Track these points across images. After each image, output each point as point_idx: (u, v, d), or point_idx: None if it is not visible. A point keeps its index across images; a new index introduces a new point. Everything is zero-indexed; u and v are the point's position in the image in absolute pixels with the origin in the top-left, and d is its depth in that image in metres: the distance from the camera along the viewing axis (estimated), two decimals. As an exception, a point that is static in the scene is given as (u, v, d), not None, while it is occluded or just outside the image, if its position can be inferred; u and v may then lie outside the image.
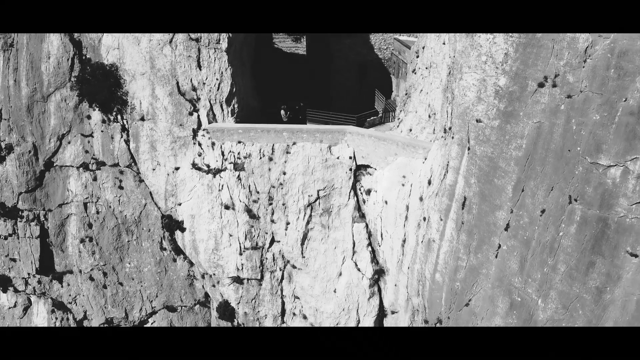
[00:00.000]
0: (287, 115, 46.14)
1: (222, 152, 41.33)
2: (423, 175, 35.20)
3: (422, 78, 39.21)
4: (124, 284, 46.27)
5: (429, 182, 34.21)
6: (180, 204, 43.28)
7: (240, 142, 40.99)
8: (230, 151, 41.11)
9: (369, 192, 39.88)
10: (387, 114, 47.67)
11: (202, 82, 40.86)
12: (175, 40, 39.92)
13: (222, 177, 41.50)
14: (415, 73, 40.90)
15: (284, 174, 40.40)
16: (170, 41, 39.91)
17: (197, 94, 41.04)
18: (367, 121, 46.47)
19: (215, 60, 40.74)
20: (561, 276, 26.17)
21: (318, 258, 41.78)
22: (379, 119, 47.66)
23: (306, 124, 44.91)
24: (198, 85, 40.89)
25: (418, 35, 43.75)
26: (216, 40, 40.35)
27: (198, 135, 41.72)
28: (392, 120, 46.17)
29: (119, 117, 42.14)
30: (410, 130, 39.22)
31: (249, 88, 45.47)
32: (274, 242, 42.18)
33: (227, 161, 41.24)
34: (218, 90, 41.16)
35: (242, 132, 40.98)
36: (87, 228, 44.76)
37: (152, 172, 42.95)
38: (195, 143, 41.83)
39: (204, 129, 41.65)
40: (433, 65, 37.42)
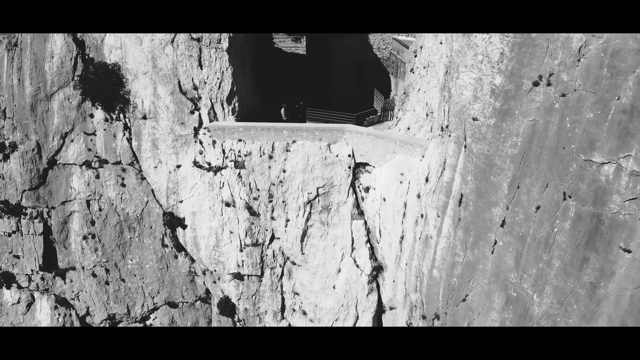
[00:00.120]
0: (286, 116, 46.24)
1: (223, 150, 41.47)
2: (421, 173, 35.21)
3: (420, 77, 39.26)
4: (126, 281, 46.44)
5: (427, 180, 34.23)
6: (181, 202, 43.39)
7: (240, 140, 41.13)
8: (231, 149, 41.25)
9: (367, 189, 39.94)
10: (386, 113, 47.73)
11: (203, 81, 41.02)
12: (177, 40, 40.10)
13: (223, 175, 41.66)
14: (414, 72, 40.96)
15: (284, 171, 40.52)
16: (172, 41, 40.10)
17: (198, 92, 41.22)
18: (366, 120, 46.56)
19: (216, 60, 40.90)
20: (556, 271, 26.26)
21: (317, 255, 41.86)
22: (378, 117, 47.73)
23: (306, 123, 45.05)
24: (199, 84, 41.06)
25: (416, 35, 43.76)
26: (217, 40, 40.50)
27: (199, 134, 41.88)
28: (390, 119, 46.21)
29: (122, 115, 42.31)
30: (409, 128, 39.26)
31: (250, 87, 45.58)
32: (274, 239, 42.25)
33: (227, 159, 41.37)
34: (219, 89, 41.33)
35: (242, 131, 41.11)
36: (89, 225, 44.94)
37: (154, 170, 43.10)
38: (196, 141, 42.00)
39: (205, 128, 41.81)
40: (431, 65, 37.46)
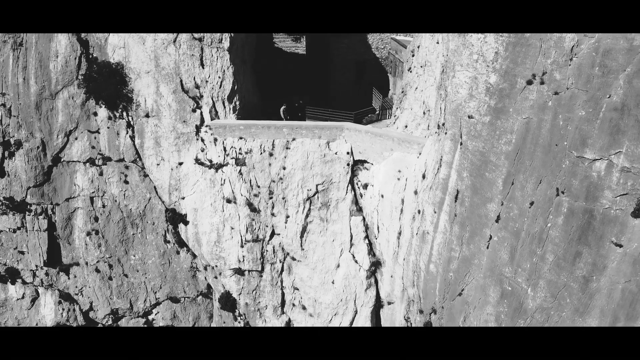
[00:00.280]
0: (286, 116, 46.32)
1: (224, 148, 41.63)
2: (418, 170, 35.36)
3: (417, 76, 39.36)
4: (128, 276, 46.56)
5: (423, 176, 34.37)
6: (183, 198, 43.57)
7: (241, 138, 41.31)
8: (232, 147, 41.42)
9: (365, 186, 40.10)
10: (384, 112, 47.91)
11: (204, 80, 41.20)
12: (179, 40, 40.28)
13: (224, 172, 41.84)
14: (411, 71, 41.04)
15: (284, 168, 40.71)
16: (174, 40, 40.28)
17: (200, 91, 41.39)
18: (365, 118, 46.75)
19: (217, 59, 41.08)
20: (549, 266, 26.48)
21: (317, 250, 42.04)
22: (376, 116, 47.92)
23: (305, 121, 45.22)
24: (201, 83, 41.24)
25: (414, 35, 43.79)
26: (218, 39, 40.69)
27: (201, 132, 42.05)
28: (388, 118, 46.37)
29: (125, 114, 42.49)
30: (406, 126, 39.38)
31: (250, 86, 45.74)
32: (274, 235, 42.41)
33: (228, 156, 41.56)
34: (220, 87, 41.51)
35: (243, 129, 41.29)
36: (93, 221, 45.05)
37: (156, 167, 43.28)
38: (198, 139, 42.17)
39: (207, 126, 41.98)
40: (428, 64, 37.56)
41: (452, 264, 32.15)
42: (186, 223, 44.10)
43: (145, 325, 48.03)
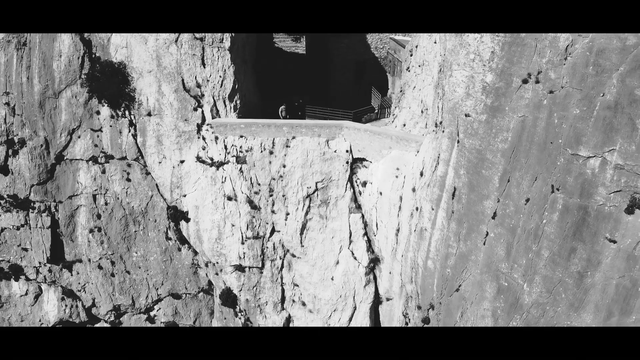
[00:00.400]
0: (285, 116, 46.38)
1: (225, 146, 41.79)
2: (415, 167, 35.47)
3: (415, 75, 39.48)
4: (131, 273, 46.65)
5: (421, 174, 34.46)
6: (185, 196, 43.71)
7: (242, 137, 41.47)
8: (232, 145, 41.57)
9: (364, 184, 40.26)
10: (383, 111, 48.05)
11: (206, 79, 41.36)
12: (181, 40, 40.45)
13: (225, 170, 41.97)
14: (409, 71, 41.16)
15: (284, 166, 40.87)
16: (176, 40, 40.46)
17: (201, 90, 41.56)
18: (364, 117, 46.90)
19: (218, 59, 41.23)
20: (545, 261, 26.64)
21: (316, 247, 42.18)
22: (375, 115, 48.07)
23: (305, 120, 45.35)
24: (202, 82, 41.41)
25: (412, 35, 43.90)
26: (219, 39, 40.84)
27: (202, 130, 42.22)
28: (387, 117, 46.53)
29: (127, 112, 42.65)
30: (404, 125, 39.51)
31: (250, 85, 45.89)
32: (275, 232, 42.57)
33: (229, 154, 41.70)
34: (221, 87, 41.67)
35: (244, 127, 41.45)
36: (96, 219, 45.16)
37: (158, 165, 43.44)
38: (199, 137, 42.34)
39: (208, 124, 42.13)
40: (425, 63, 37.69)
41: (449, 260, 32.25)
42: (187, 220, 44.23)
43: (147, 322, 48.15)
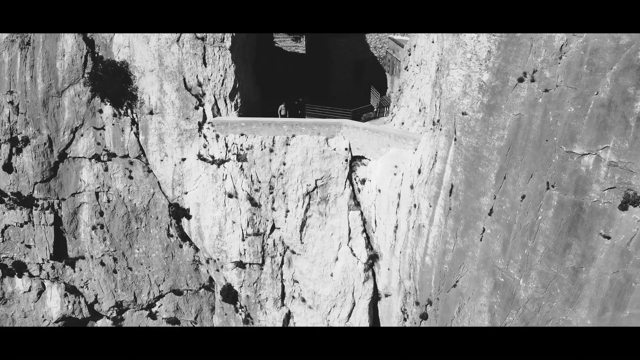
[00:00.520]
0: (284, 115, 46.35)
1: (226, 144, 41.90)
2: (413, 165, 35.63)
3: (413, 74, 39.60)
4: (133, 269, 46.80)
5: (419, 171, 34.62)
6: (186, 193, 43.81)
7: (242, 135, 41.59)
8: (233, 143, 41.69)
9: (363, 181, 40.39)
10: (382, 109, 48.14)
11: (207, 78, 41.48)
12: (182, 39, 40.55)
13: (225, 168, 42.11)
14: (408, 70, 41.28)
15: (284, 164, 40.99)
16: (178, 40, 40.55)
17: (202, 89, 41.68)
18: (363, 116, 47.00)
19: (219, 58, 41.34)
20: (540, 257, 26.84)
21: (316, 244, 42.28)
22: (374, 113, 48.15)
23: (305, 118, 45.43)
24: (203, 81, 41.52)
25: (410, 35, 44.00)
26: (220, 39, 40.94)
27: (203, 128, 42.31)
28: (386, 115, 46.64)
29: (129, 111, 42.77)
30: (403, 123, 39.59)
31: (251, 84, 46.01)
32: (275, 229, 42.66)
33: (230, 152, 41.83)
34: (222, 85, 41.78)
35: (244, 125, 41.58)
36: (98, 216, 45.29)
37: (160, 163, 43.54)
38: (200, 135, 42.44)
39: (209, 122, 42.23)
40: (423, 63, 37.81)
41: (447, 256, 32.42)
42: (189, 217, 44.33)
43: (148, 318, 48.31)
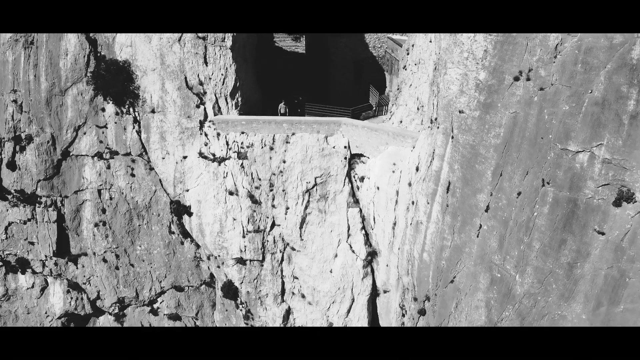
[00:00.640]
0: (284, 114, 46.45)
1: (227, 142, 42.06)
2: (411, 163, 35.78)
3: (411, 74, 39.71)
4: (135, 266, 46.92)
5: (417, 169, 34.81)
6: (187, 190, 43.96)
7: (243, 133, 41.73)
8: (234, 141, 41.84)
9: (362, 179, 40.54)
10: (381, 108, 48.27)
11: (208, 77, 41.64)
12: (184, 39, 40.72)
13: (226, 165, 42.26)
14: (406, 69, 41.38)
15: (284, 162, 41.14)
16: (179, 39, 40.72)
17: (203, 88, 41.84)
18: (362, 114, 47.10)
19: (220, 57, 41.52)
20: (536, 253, 27.12)
21: (315, 241, 42.42)
22: (373, 112, 48.24)
23: (304, 116, 45.57)
24: (204, 80, 41.69)
25: (409, 35, 44.14)
26: (221, 38, 41.11)
27: (204, 126, 42.47)
28: (385, 114, 46.75)
29: (131, 109, 42.95)
30: (401, 121, 39.67)
31: (251, 83, 46.15)
32: (275, 226, 42.81)
33: (231, 150, 41.99)
34: (223, 84, 41.96)
35: (245, 124, 41.73)
36: (100, 213, 45.42)
37: (161, 161, 43.70)
38: (201, 133, 42.57)
39: (210, 121, 42.39)
40: (421, 62, 37.91)
41: (444, 253, 32.63)
42: (190, 214, 44.47)
43: (150, 314, 48.41)
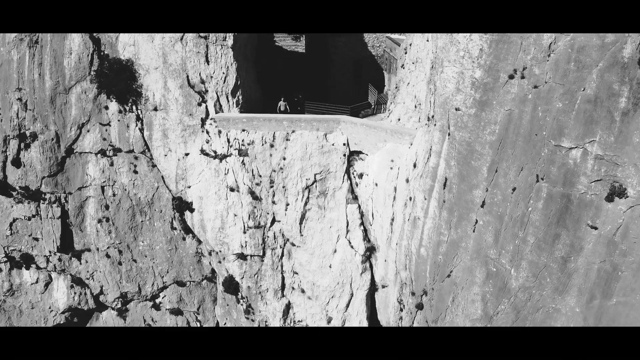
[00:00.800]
0: (283, 111, 46.57)
1: (228, 139, 42.26)
2: (409, 159, 36.00)
3: (409, 72, 39.87)
4: (137, 261, 47.13)
5: (414, 165, 35.02)
6: (189, 187, 44.18)
7: (244, 130, 41.93)
8: (235, 138, 42.04)
9: (361, 175, 40.71)
10: (380, 106, 48.43)
11: (209, 75, 41.86)
12: (186, 38, 40.94)
13: (227, 162, 42.48)
14: (404, 68, 41.54)
15: (284, 159, 41.35)
16: (181, 39, 40.94)
17: (205, 86, 42.04)
18: (361, 112, 47.27)
19: (221, 56, 41.73)
20: (531, 247, 27.39)
21: (315, 236, 42.63)
22: (372, 110, 48.38)
23: (304, 114, 45.82)
24: (206, 79, 41.91)
25: (407, 34, 44.31)
26: (223, 38, 41.32)
27: (206, 124, 42.67)
28: (383, 112, 46.94)
29: (134, 107, 43.18)
30: (399, 119, 39.84)
31: (252, 82, 46.34)
32: (275, 222, 43.02)
33: (232, 147, 42.20)
34: (224, 83, 42.18)
35: (246, 121, 41.91)
36: (104, 209, 45.64)
37: (164, 158, 43.90)
38: (203, 131, 42.77)
39: (212, 118, 42.60)
40: (419, 61, 38.09)
41: (441, 248, 32.85)
42: (192, 210, 44.69)
43: (152, 309, 48.60)
